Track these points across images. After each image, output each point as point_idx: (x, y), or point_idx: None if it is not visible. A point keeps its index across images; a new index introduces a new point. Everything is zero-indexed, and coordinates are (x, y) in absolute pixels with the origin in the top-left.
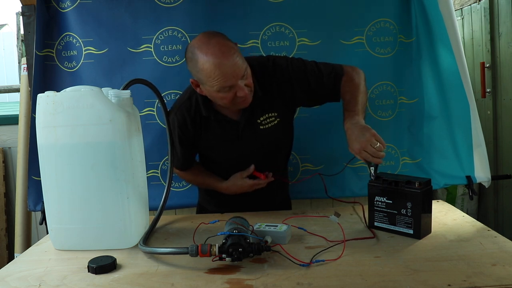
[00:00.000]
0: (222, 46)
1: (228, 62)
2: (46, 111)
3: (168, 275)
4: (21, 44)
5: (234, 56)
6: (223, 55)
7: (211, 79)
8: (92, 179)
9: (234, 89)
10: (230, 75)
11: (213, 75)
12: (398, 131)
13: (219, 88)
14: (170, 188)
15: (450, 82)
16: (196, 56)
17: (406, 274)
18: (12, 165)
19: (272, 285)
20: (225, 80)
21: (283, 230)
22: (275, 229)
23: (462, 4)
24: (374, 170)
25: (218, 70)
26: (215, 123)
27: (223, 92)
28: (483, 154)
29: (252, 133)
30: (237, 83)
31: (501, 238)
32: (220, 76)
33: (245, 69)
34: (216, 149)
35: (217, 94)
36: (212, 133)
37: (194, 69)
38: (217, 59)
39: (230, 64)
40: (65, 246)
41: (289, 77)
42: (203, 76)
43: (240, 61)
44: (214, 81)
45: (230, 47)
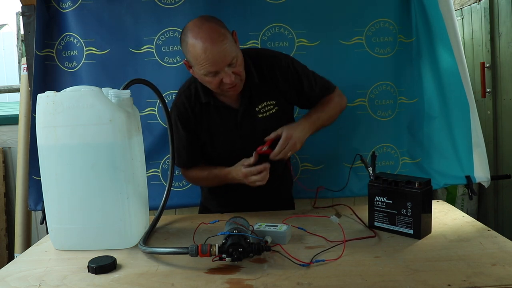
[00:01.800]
0: (212, 32)
1: (215, 48)
2: (46, 111)
3: (168, 275)
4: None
5: (222, 43)
6: (211, 41)
7: (198, 62)
8: (92, 179)
9: (220, 75)
10: (216, 61)
11: (199, 59)
12: (398, 131)
13: (205, 72)
14: (170, 188)
15: (450, 82)
16: (187, 38)
17: (406, 274)
18: (12, 165)
19: (272, 285)
20: (211, 65)
21: (283, 230)
22: (275, 229)
23: (462, 4)
24: (372, 170)
25: (204, 54)
26: (214, 110)
27: (209, 76)
28: (482, 154)
29: (251, 121)
30: (223, 69)
31: (501, 238)
32: (205, 60)
33: (234, 57)
34: (215, 139)
35: (204, 78)
36: (212, 121)
37: (185, 50)
38: (204, 44)
39: (217, 50)
40: (65, 246)
41: (286, 72)
42: (191, 58)
43: (229, 48)
44: (201, 65)
45: (220, 34)
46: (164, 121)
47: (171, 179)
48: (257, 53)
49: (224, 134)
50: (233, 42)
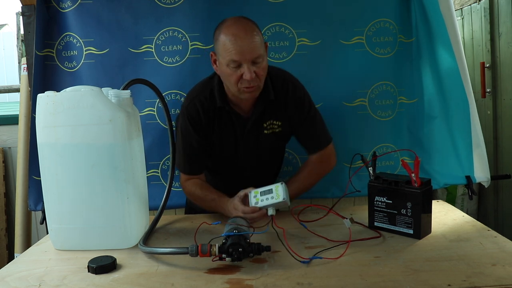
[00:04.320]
0: (247, 26)
1: (246, 38)
2: (46, 111)
3: (168, 275)
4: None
5: (253, 37)
6: (244, 31)
7: (225, 49)
8: (92, 179)
9: (242, 69)
10: (243, 50)
11: (227, 45)
12: (398, 131)
13: (229, 61)
14: (171, 188)
15: (450, 82)
16: (221, 27)
17: (406, 274)
18: (12, 165)
19: (272, 285)
20: (236, 53)
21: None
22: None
23: (462, 4)
24: (372, 170)
25: (233, 40)
26: (226, 115)
27: (231, 68)
28: (482, 154)
29: (257, 134)
30: (246, 63)
31: (501, 238)
32: (233, 47)
33: (260, 56)
34: (221, 144)
35: (226, 70)
36: (223, 126)
37: (215, 40)
38: (236, 31)
39: (246, 41)
40: (65, 246)
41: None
42: (219, 46)
43: (259, 45)
44: (227, 52)
45: (254, 30)
46: (164, 121)
47: (171, 179)
48: (278, 72)
49: (230, 141)
50: (264, 46)
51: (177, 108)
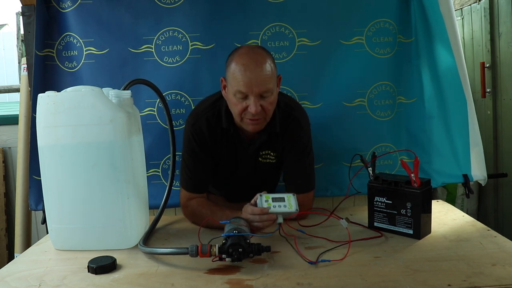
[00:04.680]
0: (261, 57)
1: (256, 70)
2: (47, 111)
3: (168, 275)
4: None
5: (264, 70)
6: (255, 62)
7: (234, 77)
8: (92, 179)
9: (248, 101)
10: (251, 82)
11: (236, 75)
12: (397, 130)
13: (236, 91)
14: (171, 188)
15: (448, 82)
16: (234, 54)
17: (406, 274)
18: (12, 165)
19: (272, 285)
20: (244, 85)
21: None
22: (285, 209)
23: (462, 4)
24: (372, 170)
25: (242, 71)
26: (230, 138)
27: (237, 98)
28: (479, 154)
29: (253, 161)
30: (253, 96)
31: (501, 238)
32: (241, 78)
33: (268, 90)
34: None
35: (232, 99)
36: (225, 147)
37: (227, 65)
38: (246, 61)
39: (256, 73)
40: (65, 246)
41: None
42: (229, 74)
43: (269, 79)
44: (235, 81)
45: (267, 63)
46: (164, 121)
47: (171, 178)
48: (288, 104)
49: (231, 162)
50: (275, 80)
51: (177, 108)
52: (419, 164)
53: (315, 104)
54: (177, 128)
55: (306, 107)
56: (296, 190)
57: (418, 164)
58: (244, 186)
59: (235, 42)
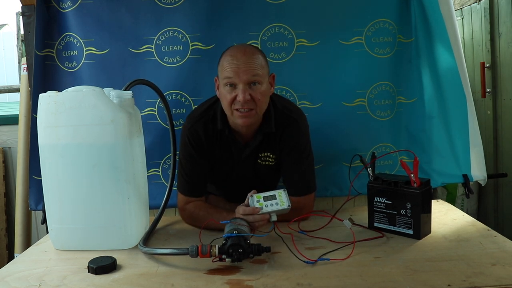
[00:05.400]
0: (249, 48)
1: (243, 57)
2: (48, 111)
3: (168, 275)
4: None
5: (252, 59)
6: (243, 52)
7: (222, 68)
8: (93, 179)
9: (237, 91)
10: (238, 70)
11: (225, 64)
12: (397, 130)
13: (225, 80)
14: (172, 188)
15: (448, 81)
16: (225, 50)
17: (406, 274)
18: (12, 165)
19: (272, 285)
20: (232, 72)
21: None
22: (277, 207)
23: (462, 4)
24: (372, 170)
25: (229, 60)
26: (226, 140)
27: (227, 88)
28: (479, 154)
29: (252, 163)
30: (242, 84)
31: (501, 238)
32: (229, 67)
33: (257, 78)
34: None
35: (222, 90)
36: (222, 150)
37: (219, 62)
38: (234, 51)
39: (242, 60)
40: (65, 246)
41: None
42: (219, 67)
43: (257, 66)
44: (224, 71)
45: (255, 53)
46: (164, 121)
47: (172, 178)
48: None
49: (227, 165)
50: (265, 72)
51: (177, 108)
52: (418, 164)
53: (314, 104)
54: (177, 128)
55: (306, 107)
56: (296, 193)
57: (417, 164)
58: (243, 187)
59: (235, 42)
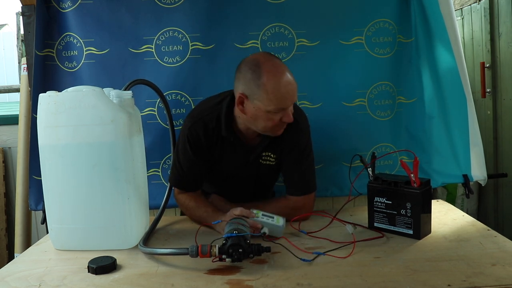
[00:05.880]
0: (287, 71)
1: (292, 85)
2: (48, 111)
3: (168, 275)
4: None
5: (293, 80)
6: (285, 75)
7: (271, 96)
8: (93, 179)
9: (283, 113)
10: (289, 97)
11: (275, 93)
12: (397, 130)
13: (274, 108)
14: (172, 188)
15: (448, 81)
16: (261, 71)
17: (406, 274)
18: (12, 165)
19: (272, 285)
20: (284, 101)
21: (280, 224)
22: (273, 222)
23: (462, 4)
24: (372, 170)
25: (282, 89)
26: (229, 144)
27: (273, 113)
28: (480, 153)
29: (257, 164)
30: (288, 107)
31: (501, 238)
32: (281, 96)
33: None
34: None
35: (266, 115)
36: (224, 153)
37: (253, 83)
38: (283, 80)
39: (291, 86)
40: (65, 246)
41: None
42: (262, 92)
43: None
44: (273, 100)
45: (288, 70)
46: (164, 121)
47: None
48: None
49: (229, 165)
50: None
51: (177, 108)
52: (418, 164)
53: (314, 104)
54: (177, 128)
55: (306, 107)
56: (296, 192)
57: (417, 164)
58: (243, 186)
59: (235, 42)
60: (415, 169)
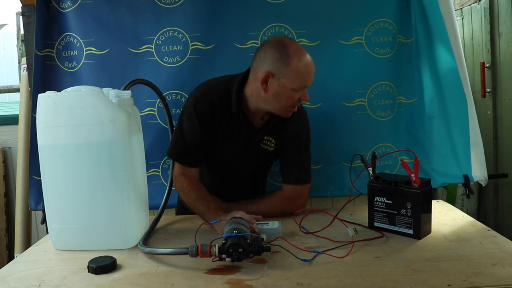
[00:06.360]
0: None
1: (313, 65)
2: (47, 111)
3: (168, 275)
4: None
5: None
6: (310, 58)
7: (298, 75)
8: (92, 179)
9: (301, 93)
10: (311, 76)
11: (302, 71)
12: (397, 130)
13: (298, 86)
14: (171, 188)
15: (449, 81)
16: (288, 51)
17: (406, 274)
18: (12, 165)
19: (272, 285)
20: (308, 79)
21: (276, 226)
22: (268, 226)
23: (462, 4)
24: (372, 170)
25: (307, 68)
26: (236, 121)
27: (295, 91)
28: (480, 154)
29: (257, 147)
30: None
31: (501, 238)
32: (307, 74)
33: None
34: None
35: (289, 93)
36: (229, 129)
37: (281, 62)
38: (308, 59)
39: (313, 67)
40: (65, 246)
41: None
42: (290, 70)
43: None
44: (300, 78)
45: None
46: (164, 121)
47: (171, 179)
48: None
49: (230, 148)
50: None
51: (177, 108)
52: (419, 164)
53: (314, 104)
54: None
55: (306, 107)
56: (295, 181)
57: (418, 164)
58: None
59: (235, 42)
60: (416, 168)
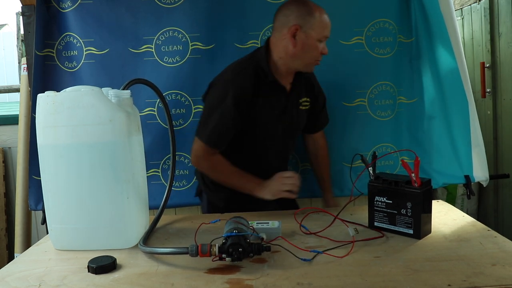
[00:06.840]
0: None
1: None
2: (46, 111)
3: (168, 275)
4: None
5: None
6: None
7: (321, 24)
8: (92, 179)
9: (322, 45)
10: (330, 28)
11: (324, 22)
12: (397, 130)
13: (322, 36)
14: (171, 188)
15: (449, 81)
16: (310, 5)
17: (406, 274)
18: (12, 165)
19: (272, 285)
20: (328, 29)
21: (276, 226)
22: (268, 226)
23: (462, 4)
24: (372, 170)
25: (327, 19)
26: (272, 90)
27: (320, 42)
28: (481, 154)
29: (295, 110)
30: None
31: (501, 238)
32: (327, 25)
33: None
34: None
35: (315, 43)
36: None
37: (307, 14)
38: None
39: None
40: (65, 246)
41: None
42: (315, 21)
43: None
44: (322, 28)
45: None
46: (164, 121)
47: (171, 178)
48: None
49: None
50: None
51: (177, 108)
52: (419, 164)
53: None
54: (177, 128)
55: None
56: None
57: (418, 164)
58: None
59: (235, 42)
60: (416, 168)
